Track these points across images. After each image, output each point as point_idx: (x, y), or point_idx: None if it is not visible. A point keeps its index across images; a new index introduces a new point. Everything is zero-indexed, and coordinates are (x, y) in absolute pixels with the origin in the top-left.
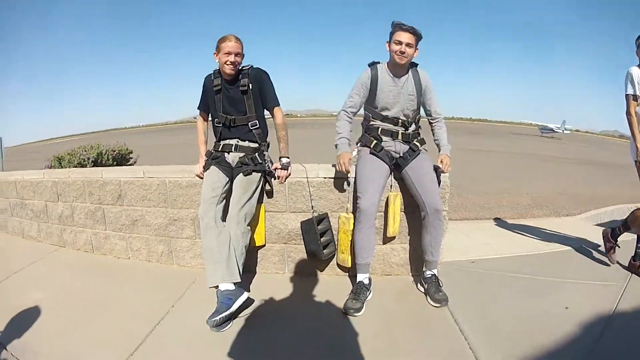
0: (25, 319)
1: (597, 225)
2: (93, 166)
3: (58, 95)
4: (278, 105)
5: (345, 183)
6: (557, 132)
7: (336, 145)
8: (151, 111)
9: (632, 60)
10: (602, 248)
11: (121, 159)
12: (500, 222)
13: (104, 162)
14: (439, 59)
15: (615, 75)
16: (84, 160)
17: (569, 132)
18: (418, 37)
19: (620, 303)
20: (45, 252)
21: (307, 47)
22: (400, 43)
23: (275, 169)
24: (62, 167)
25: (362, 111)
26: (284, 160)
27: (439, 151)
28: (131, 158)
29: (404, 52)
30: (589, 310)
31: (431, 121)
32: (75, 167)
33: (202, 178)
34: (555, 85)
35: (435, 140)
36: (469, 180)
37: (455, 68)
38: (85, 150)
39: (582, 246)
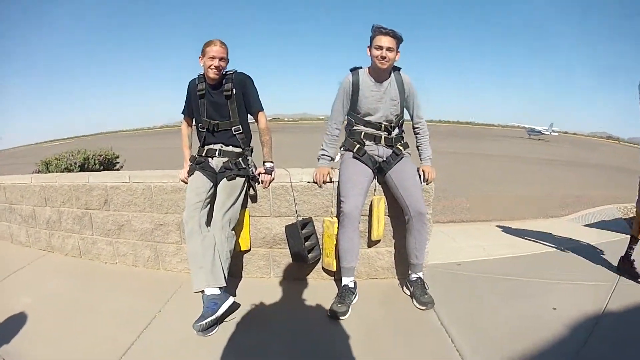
0: (13, 324)
1: (585, 225)
2: (80, 171)
3: (50, 98)
4: (262, 109)
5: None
6: (544, 134)
7: (318, 159)
8: (141, 115)
9: (622, 61)
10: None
11: (108, 164)
12: (487, 224)
13: (90, 166)
14: (422, 60)
15: (604, 77)
16: (71, 165)
17: (556, 134)
18: (399, 40)
19: (609, 304)
20: (33, 258)
21: (296, 50)
22: (380, 48)
23: (259, 174)
24: (49, 172)
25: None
26: (268, 164)
27: (420, 161)
28: (117, 162)
29: (385, 57)
30: (577, 311)
31: (414, 125)
32: (63, 171)
33: (186, 183)
34: (543, 88)
35: (417, 146)
36: (455, 183)
37: (440, 70)
38: (72, 155)
39: (570, 247)
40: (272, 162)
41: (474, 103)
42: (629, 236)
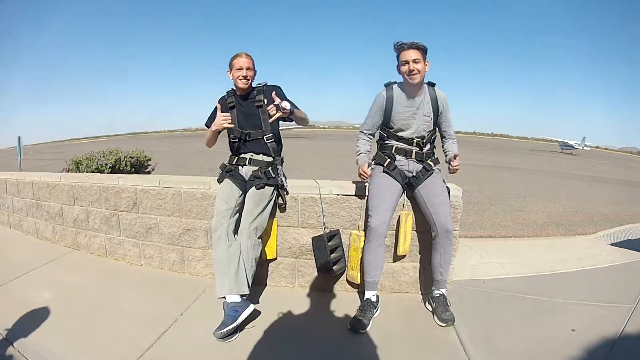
0: (33, 318)
1: (611, 245)
2: (111, 172)
3: (82, 95)
4: (297, 108)
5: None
6: (577, 148)
7: (357, 161)
8: (175, 116)
9: None
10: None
11: (139, 166)
12: (514, 240)
13: (121, 168)
14: (460, 73)
15: (635, 92)
16: (102, 166)
17: (588, 148)
18: (423, 50)
19: (627, 326)
20: (59, 254)
21: (333, 58)
22: (407, 63)
23: (273, 104)
24: (79, 171)
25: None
26: (285, 103)
27: (446, 157)
28: (149, 165)
29: (413, 70)
30: (596, 333)
31: (442, 139)
32: (93, 172)
33: (229, 123)
34: (575, 102)
35: (444, 150)
36: (486, 197)
37: (474, 83)
38: (104, 156)
39: (593, 266)
40: (290, 107)
41: (507, 117)
42: None
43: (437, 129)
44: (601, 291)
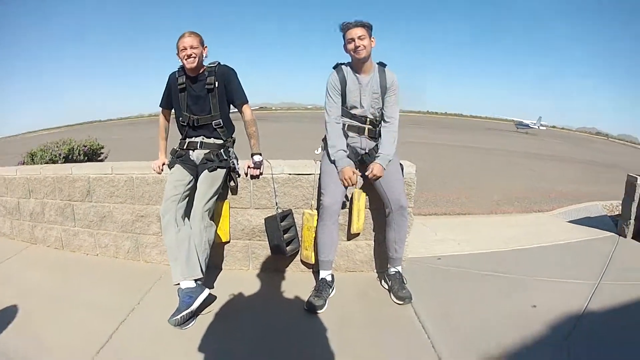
0: None
1: (570, 222)
2: (64, 162)
3: (38, 87)
4: (246, 102)
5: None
6: (532, 127)
7: (334, 161)
8: (129, 104)
9: (616, 59)
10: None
11: (92, 155)
12: (470, 218)
13: (75, 157)
14: (413, 51)
15: (595, 74)
16: (55, 156)
17: (544, 128)
18: (367, 27)
19: (590, 302)
20: (17, 249)
21: (285, 41)
22: (352, 40)
23: (247, 167)
24: (34, 163)
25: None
26: (256, 157)
27: (376, 155)
28: (102, 153)
29: (359, 46)
30: (558, 309)
31: (383, 123)
32: (47, 163)
33: (159, 173)
34: (534, 82)
35: (378, 144)
36: (440, 175)
37: (429, 61)
38: (57, 146)
39: (552, 243)
40: (260, 153)
41: (462, 94)
42: (613, 234)
43: None
44: (562, 268)
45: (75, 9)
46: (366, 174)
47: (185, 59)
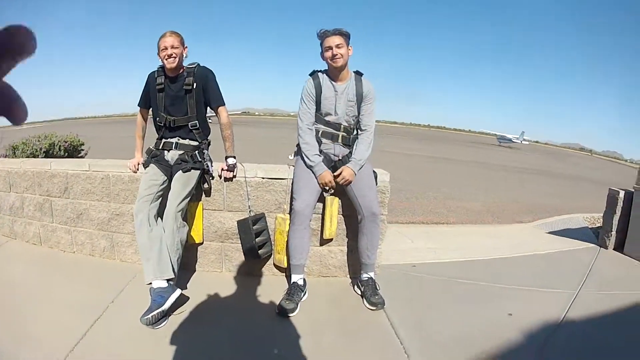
0: None
1: (549, 232)
2: (45, 157)
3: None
4: (223, 104)
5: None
6: (515, 142)
7: (310, 167)
8: (116, 101)
9: (599, 75)
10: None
11: (72, 151)
12: (447, 227)
13: (55, 152)
14: (396, 64)
15: (579, 89)
16: (36, 151)
17: (527, 142)
18: (345, 35)
19: (569, 312)
20: None
21: (271, 47)
22: (330, 48)
23: (221, 170)
24: (16, 157)
25: None
26: (230, 160)
27: (348, 159)
28: (82, 150)
29: (336, 55)
30: (535, 318)
31: (359, 131)
32: (28, 157)
33: (135, 172)
34: (519, 97)
35: (352, 150)
36: (420, 185)
37: (414, 74)
38: (39, 140)
39: (532, 253)
40: (234, 157)
41: (446, 108)
42: (594, 245)
43: None
44: (540, 277)
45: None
46: (335, 174)
47: (166, 59)
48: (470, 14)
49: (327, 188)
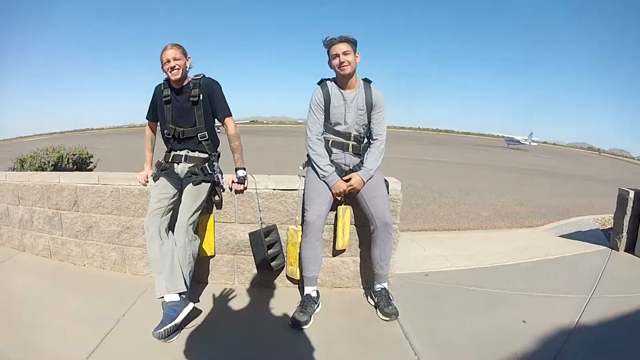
0: None
1: (561, 236)
2: (53, 170)
3: (33, 93)
4: (230, 115)
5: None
6: (523, 143)
7: (324, 177)
8: (123, 112)
9: (606, 73)
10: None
11: (81, 163)
12: (459, 233)
13: (64, 165)
14: (404, 67)
15: (586, 88)
16: (45, 164)
17: (535, 144)
18: (352, 42)
19: (582, 317)
20: (6, 256)
21: (279, 55)
22: (337, 56)
23: (231, 182)
24: (23, 169)
25: None
26: (240, 172)
27: (359, 167)
28: (91, 162)
29: (343, 62)
30: (549, 324)
31: (370, 140)
32: (36, 170)
33: (144, 185)
34: (526, 98)
35: (362, 160)
36: (429, 191)
37: (422, 78)
38: (47, 153)
39: (544, 258)
40: (244, 168)
41: (454, 111)
42: (605, 247)
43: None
44: (553, 282)
45: (74, 14)
46: (344, 178)
47: (170, 71)
48: (470, 15)
49: (340, 198)
